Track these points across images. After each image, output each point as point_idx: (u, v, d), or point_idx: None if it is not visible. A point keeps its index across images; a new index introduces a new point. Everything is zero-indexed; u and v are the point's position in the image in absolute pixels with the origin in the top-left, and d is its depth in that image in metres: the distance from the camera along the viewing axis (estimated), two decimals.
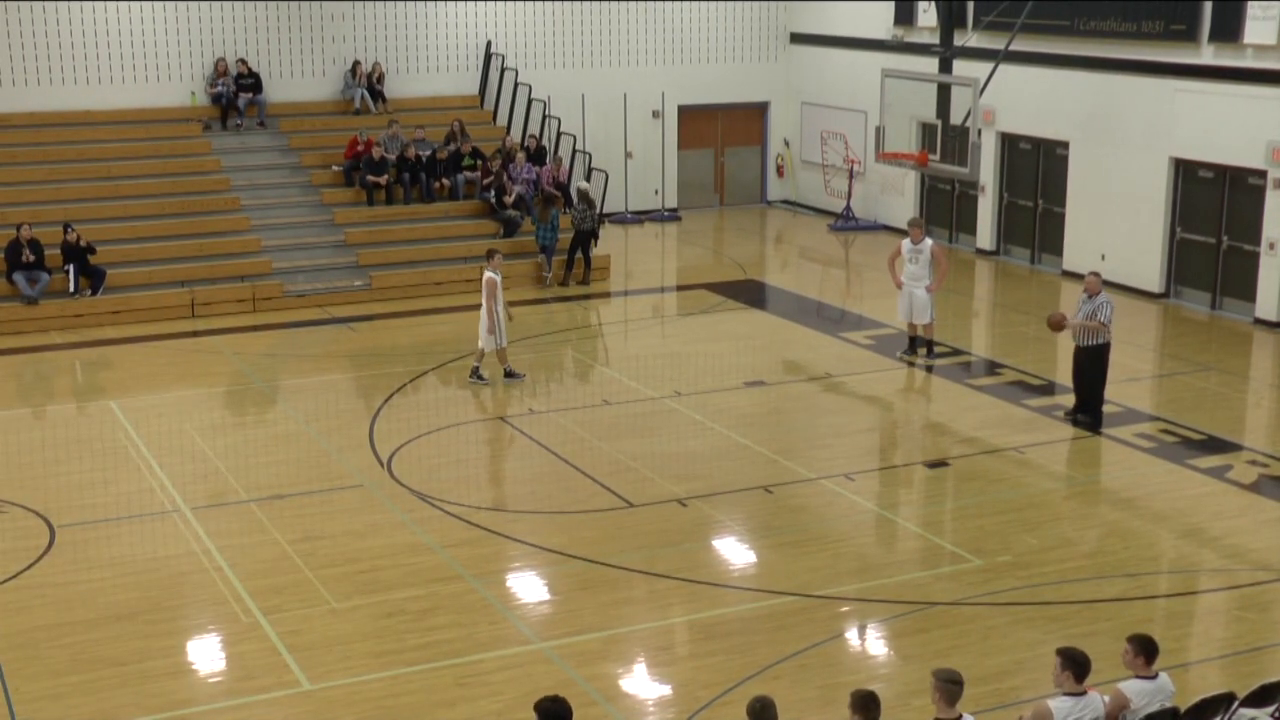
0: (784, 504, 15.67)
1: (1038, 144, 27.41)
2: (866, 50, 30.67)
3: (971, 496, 15.89)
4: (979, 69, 24.80)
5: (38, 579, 13.77)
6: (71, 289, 23.47)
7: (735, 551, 14.64)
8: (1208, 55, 23.64)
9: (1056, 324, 18.49)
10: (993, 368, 21.03)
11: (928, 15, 28.94)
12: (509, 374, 19.93)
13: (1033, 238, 27.81)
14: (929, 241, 20.76)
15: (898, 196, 30.85)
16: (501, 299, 19.62)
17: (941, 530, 15.07)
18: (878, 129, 26.19)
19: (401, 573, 13.82)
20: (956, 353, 21.63)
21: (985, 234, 28.69)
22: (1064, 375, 20.60)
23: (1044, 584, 13.51)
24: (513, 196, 27.02)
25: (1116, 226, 25.48)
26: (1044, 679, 11.18)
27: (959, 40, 26.25)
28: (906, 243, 20.96)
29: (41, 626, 12.73)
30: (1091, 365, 17.91)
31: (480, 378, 19.76)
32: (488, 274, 19.70)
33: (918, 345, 20.96)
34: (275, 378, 20.94)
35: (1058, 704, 8.97)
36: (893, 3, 30.21)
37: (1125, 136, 25.12)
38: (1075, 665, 9.01)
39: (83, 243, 23.63)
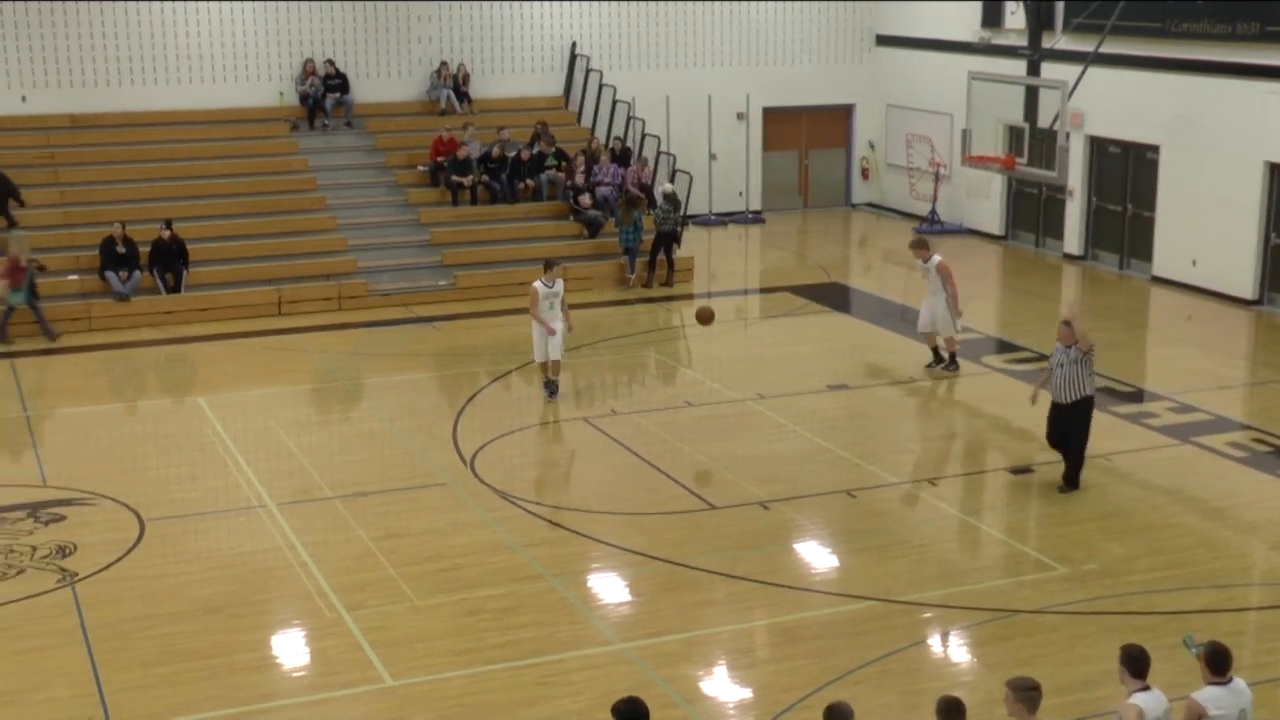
0: (866, 508, 15.57)
1: (1127, 147, 27.05)
2: (953, 52, 30.43)
3: (1056, 503, 15.70)
4: (1067, 71, 24.52)
5: (128, 571, 13.98)
6: (163, 289, 23.82)
7: (817, 555, 14.57)
8: None
9: (705, 317, 19.14)
10: None
11: (1015, 17, 28.65)
12: (550, 387, 19.30)
13: (1121, 242, 27.44)
14: (936, 258, 20.36)
15: (984, 200, 30.57)
16: (559, 311, 19.12)
17: (1025, 537, 14.90)
18: (964, 132, 25.97)
19: (483, 571, 13.88)
20: (1043, 358, 21.36)
21: (1073, 238, 28.36)
22: (1154, 381, 20.37)
23: (1130, 593, 13.32)
24: (588, 199, 27.07)
25: (1207, 231, 25.09)
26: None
27: (1047, 42, 26.01)
28: (920, 260, 20.63)
29: (131, 618, 12.93)
30: (1077, 424, 15.83)
31: (551, 389, 19.27)
32: (534, 284, 19.23)
33: (941, 357, 20.62)
34: (359, 376, 21.13)
35: (1143, 699, 8.83)
36: (980, 4, 29.95)
37: (1217, 140, 24.73)
38: (1131, 661, 8.91)
39: (174, 242, 23.97)
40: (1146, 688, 8.88)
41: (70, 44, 27.38)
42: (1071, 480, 15.91)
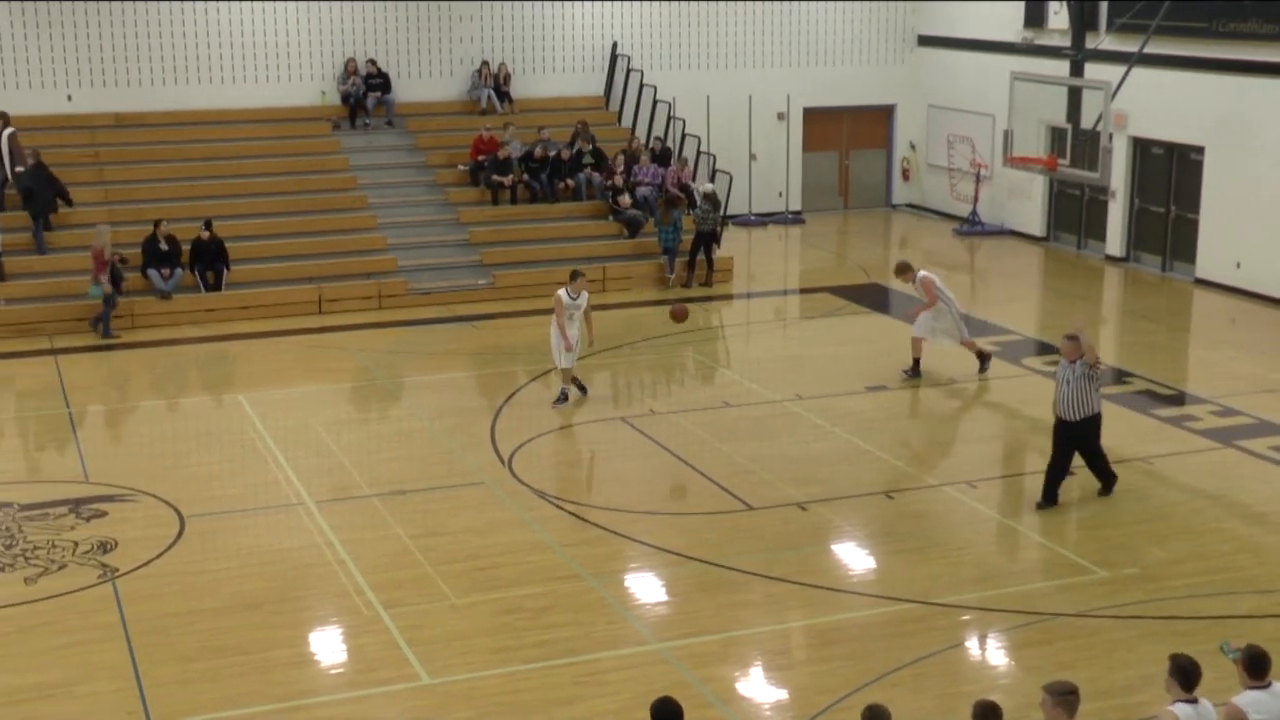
0: (905, 510, 15.51)
1: (1171, 149, 26.85)
2: (995, 53, 30.28)
3: (1097, 507, 15.59)
4: (1111, 72, 24.32)
5: (168, 567, 14.08)
6: (203, 287, 23.97)
7: (854, 557, 14.52)
8: None
9: (679, 315, 19.18)
10: (1121, 376, 20.62)
11: (1059, 17, 28.48)
12: (570, 394, 19.20)
13: (1164, 245, 27.24)
14: (922, 274, 20.28)
15: (1025, 201, 30.42)
16: (579, 320, 18.95)
17: (1065, 540, 14.81)
18: (1006, 132, 25.80)
19: (521, 570, 13.90)
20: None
21: (1115, 240, 28.17)
22: (1197, 385, 20.21)
23: (1171, 598, 13.22)
24: (628, 198, 27.09)
25: (1253, 234, 24.87)
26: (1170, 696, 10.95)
27: (1091, 42, 25.81)
28: (909, 283, 20.69)
29: (171, 613, 13.01)
30: (1088, 442, 15.36)
31: (569, 396, 19.17)
32: (558, 292, 19.11)
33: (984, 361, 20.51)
34: (399, 374, 21.20)
35: (1183, 710, 8.77)
36: (1023, 4, 29.79)
37: (1264, 141, 24.51)
38: (1181, 673, 8.82)
39: (213, 242, 24.13)
40: (1194, 700, 8.78)
41: (115, 43, 27.59)
42: (1106, 484, 15.68)
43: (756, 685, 11.89)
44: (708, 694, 11.50)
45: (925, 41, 33.08)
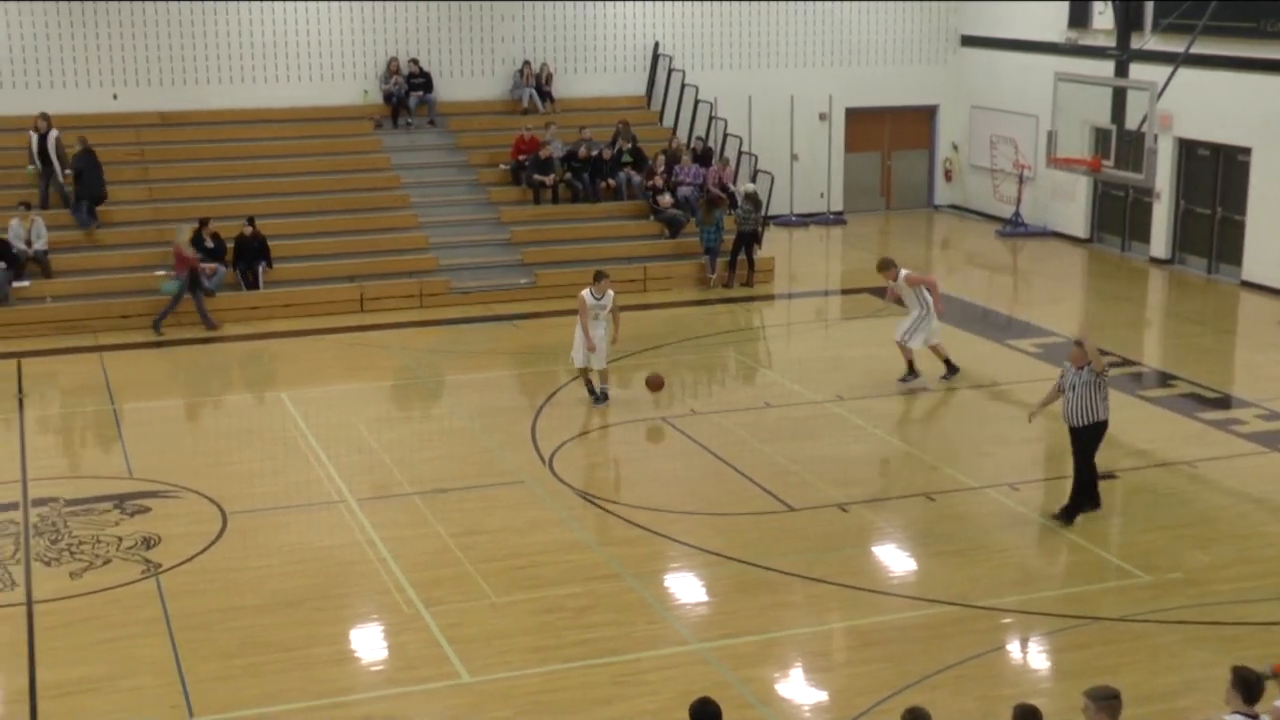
0: (946, 512, 15.44)
1: (1217, 150, 26.63)
2: (1039, 53, 30.11)
3: (1140, 510, 15.49)
4: (1157, 72, 24.12)
5: (211, 563, 14.16)
6: (243, 284, 24.10)
7: (895, 558, 14.47)
8: None
9: (655, 385, 18.74)
10: (1165, 379, 20.48)
11: (1104, 17, 28.29)
12: (596, 393, 19.19)
13: (1210, 247, 27.02)
14: (904, 273, 19.96)
15: (1069, 202, 30.24)
16: (604, 321, 18.92)
17: (1108, 544, 14.71)
18: (1049, 133, 25.62)
19: (561, 570, 13.92)
20: (1127, 363, 21.13)
21: (1160, 242, 27.96)
22: (1242, 388, 20.05)
23: (1216, 603, 13.11)
24: (668, 198, 27.08)
25: None
26: (1216, 700, 10.83)
27: (1136, 43, 25.61)
28: (890, 281, 20.24)
29: (214, 609, 13.09)
30: (1082, 447, 14.95)
31: (597, 396, 19.14)
32: (582, 293, 19.10)
33: (953, 365, 20.10)
34: (440, 373, 21.26)
35: None
36: (1067, 4, 29.61)
37: None
38: (1244, 686, 8.72)
39: (255, 238, 24.26)
40: (1254, 716, 8.68)
41: (160, 43, 27.78)
42: (1069, 513, 14.95)
43: (796, 686, 11.86)
44: (748, 695, 11.49)
45: (968, 41, 32.93)
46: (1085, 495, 15.06)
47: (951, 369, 20.05)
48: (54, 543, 14.59)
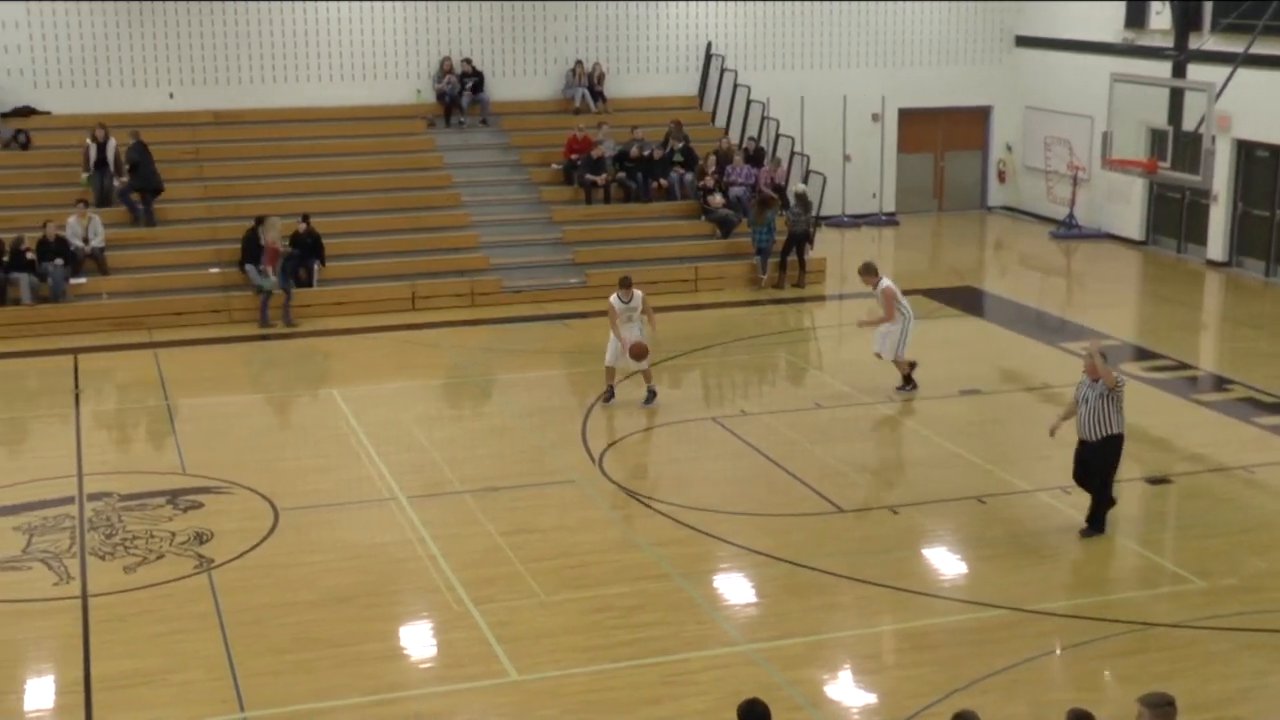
0: (997, 515, 15.33)
1: (1276, 151, 26.33)
2: (1095, 54, 29.88)
3: (1195, 516, 15.34)
4: (1215, 73, 23.89)
5: (263, 559, 14.25)
6: (295, 282, 24.25)
7: (945, 561, 14.39)
8: None
9: (638, 353, 18.46)
10: (1221, 383, 20.28)
11: (1161, 17, 28.06)
12: (611, 394, 19.19)
13: (1268, 249, 26.72)
14: (885, 283, 19.55)
15: (1124, 204, 29.98)
16: (638, 322, 18.90)
17: (1162, 549, 14.57)
18: (1105, 134, 25.44)
19: (610, 569, 13.92)
20: (1183, 366, 20.93)
21: (1216, 244, 27.69)
22: None
23: (1272, 610, 12.95)
24: (719, 198, 27.05)
25: None
26: (1271, 709, 10.76)
27: (1194, 43, 25.40)
28: (869, 288, 19.87)
29: (265, 605, 13.17)
30: (1102, 462, 14.55)
31: (656, 393, 19.18)
32: (610, 299, 19.04)
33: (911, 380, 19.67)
34: (490, 372, 21.31)
35: None
36: (1124, 4, 29.36)
37: None
38: None
39: (309, 235, 24.42)
40: None
41: (216, 42, 28.01)
42: (1095, 522, 14.66)
43: (845, 688, 11.81)
44: (796, 696, 11.45)
45: (1023, 42, 32.71)
46: (1105, 502, 14.69)
47: (909, 383, 19.61)
48: (108, 537, 14.73)
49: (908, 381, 19.59)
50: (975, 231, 32.26)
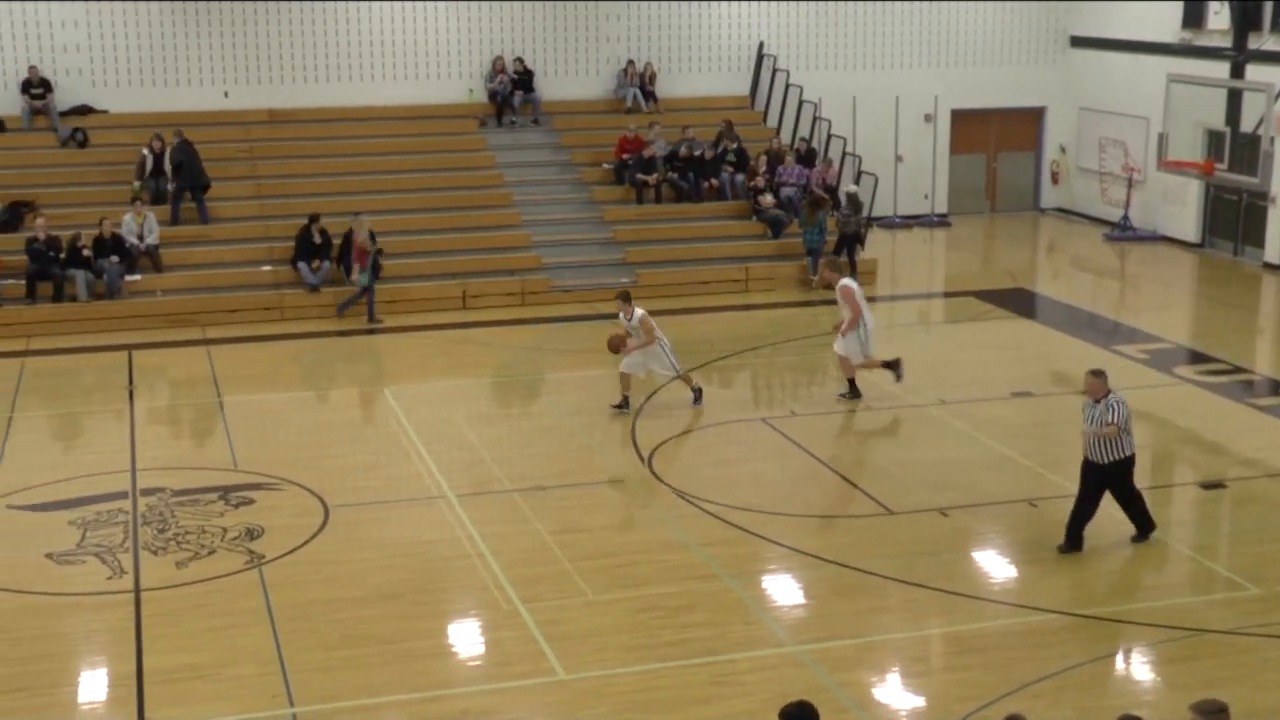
0: (1049, 518, 15.19)
1: None
2: (1151, 54, 29.62)
3: (1250, 521, 15.17)
4: (1274, 73, 23.67)
5: (313, 555, 14.34)
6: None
7: (995, 565, 14.29)
8: None
9: (614, 345, 18.35)
10: (1277, 387, 20.05)
11: (1219, 17, 27.77)
12: (701, 392, 19.17)
13: None
14: (845, 281, 19.17)
15: (1180, 206, 29.70)
16: (642, 337, 18.86)
17: (1216, 555, 14.42)
18: (1160, 136, 25.24)
19: (658, 569, 13.91)
20: (1238, 370, 20.72)
21: (1275, 247, 27.38)
22: None
23: None
24: (770, 198, 27.00)
25: None
26: None
27: (1253, 43, 25.13)
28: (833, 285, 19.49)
29: (315, 601, 13.25)
30: (1117, 484, 14.13)
31: (702, 392, 19.15)
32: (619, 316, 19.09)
33: (855, 389, 19.34)
34: (540, 371, 21.35)
35: None
36: (1181, 4, 29.08)
37: None
38: None
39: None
40: None
41: (270, 42, 28.22)
42: (1143, 530, 14.34)
43: (893, 691, 11.75)
44: (844, 698, 11.41)
45: (1078, 42, 32.47)
46: (1143, 513, 14.38)
47: (854, 391, 19.28)
48: (161, 532, 14.86)
49: (852, 388, 19.18)
50: (1028, 233, 32.06)
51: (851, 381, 19.24)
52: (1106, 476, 14.03)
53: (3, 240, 24.05)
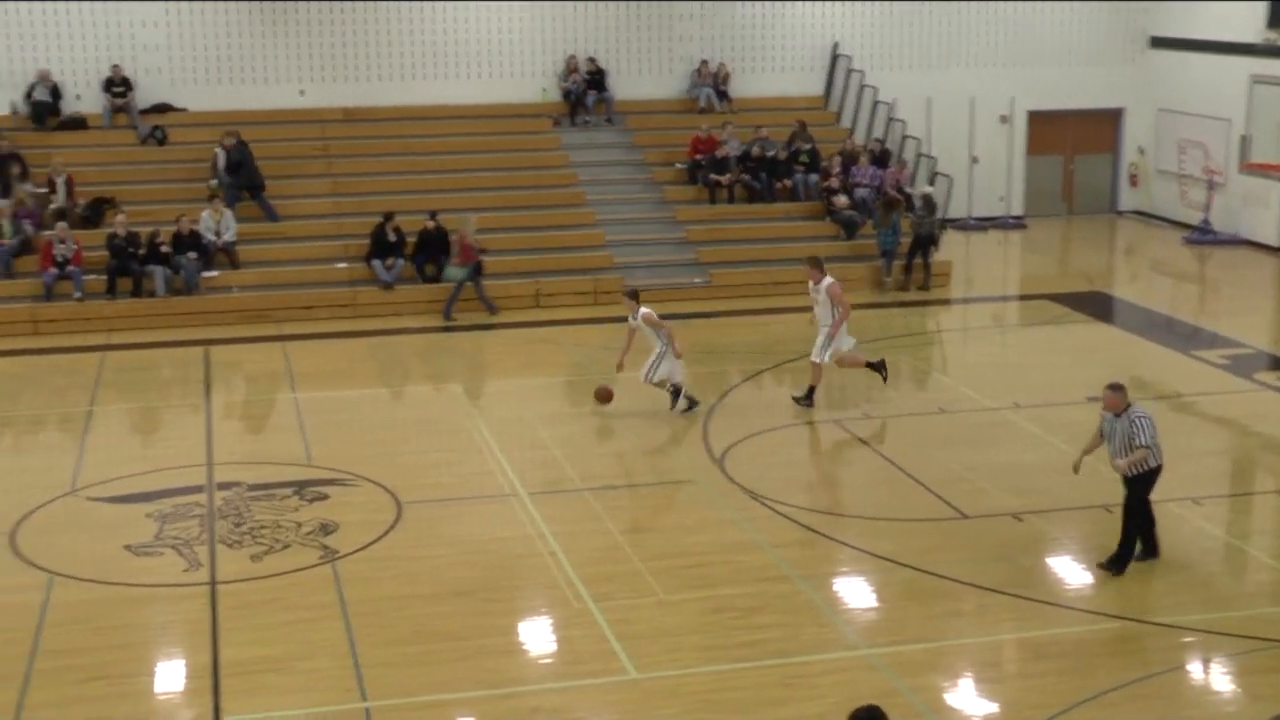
0: None
1: None
2: (1233, 55, 29.20)
3: None
4: None
5: (386, 551, 14.42)
6: (421, 278, 24.51)
7: (1071, 571, 14.12)
8: None
9: (603, 397, 18.17)
10: None
11: None
12: (688, 400, 19.03)
13: None
14: (827, 281, 18.89)
15: (1262, 209, 29.25)
16: (651, 334, 18.91)
17: None
18: (1243, 138, 24.89)
19: (730, 569, 13.87)
20: None
21: None
22: None
23: None
24: (844, 199, 26.87)
25: None
26: None
27: None
28: (811, 283, 19.10)
29: (388, 597, 13.32)
30: (1131, 493, 13.76)
31: (691, 402, 19.01)
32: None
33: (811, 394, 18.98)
34: (612, 370, 21.31)
35: None
36: (1265, 3, 28.63)
37: None
38: None
39: (438, 232, 24.68)
40: None
41: (346, 41, 28.44)
42: (1150, 549, 13.84)
43: (966, 696, 11.65)
44: (916, 703, 11.32)
45: (1158, 43, 32.07)
46: (1146, 538, 13.90)
47: (878, 367, 19.11)
48: (237, 526, 15.01)
49: (809, 395, 18.89)
50: (1105, 236, 31.70)
51: (812, 389, 18.90)
52: (1129, 486, 13.67)
53: (85, 236, 24.37)
